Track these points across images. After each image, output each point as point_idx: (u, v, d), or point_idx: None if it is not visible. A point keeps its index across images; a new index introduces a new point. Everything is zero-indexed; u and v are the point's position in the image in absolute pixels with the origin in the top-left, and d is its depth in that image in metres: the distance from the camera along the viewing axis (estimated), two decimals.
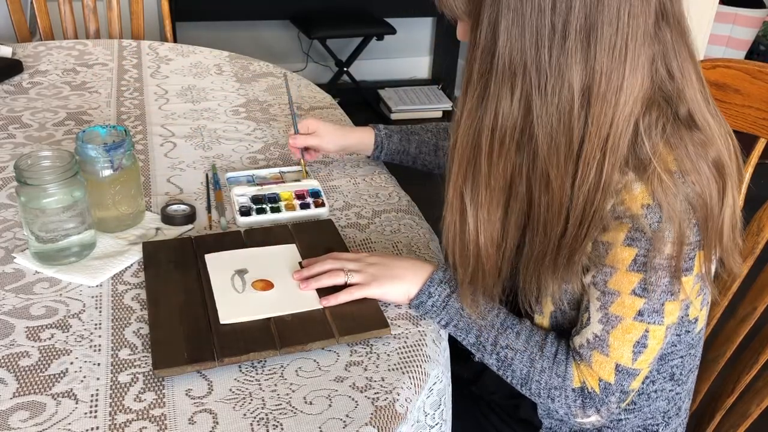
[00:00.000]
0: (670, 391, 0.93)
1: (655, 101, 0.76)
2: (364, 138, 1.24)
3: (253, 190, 1.17)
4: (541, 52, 0.73)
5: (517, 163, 0.79)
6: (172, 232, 1.08)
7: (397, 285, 0.93)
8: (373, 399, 0.80)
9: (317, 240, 1.05)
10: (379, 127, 1.25)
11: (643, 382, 0.91)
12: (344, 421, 0.77)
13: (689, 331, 0.89)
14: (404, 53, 3.87)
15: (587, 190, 0.76)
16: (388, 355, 0.86)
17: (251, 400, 0.79)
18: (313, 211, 1.14)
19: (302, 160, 1.23)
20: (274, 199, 1.15)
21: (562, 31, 0.72)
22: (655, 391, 0.92)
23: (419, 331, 0.91)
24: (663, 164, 0.74)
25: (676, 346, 0.89)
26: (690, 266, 0.78)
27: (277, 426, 0.76)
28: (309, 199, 1.16)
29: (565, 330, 0.89)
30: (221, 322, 0.88)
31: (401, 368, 0.85)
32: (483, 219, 0.82)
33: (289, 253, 1.02)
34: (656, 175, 0.74)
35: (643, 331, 0.80)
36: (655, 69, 0.76)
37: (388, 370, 0.84)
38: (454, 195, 0.84)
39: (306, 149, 1.23)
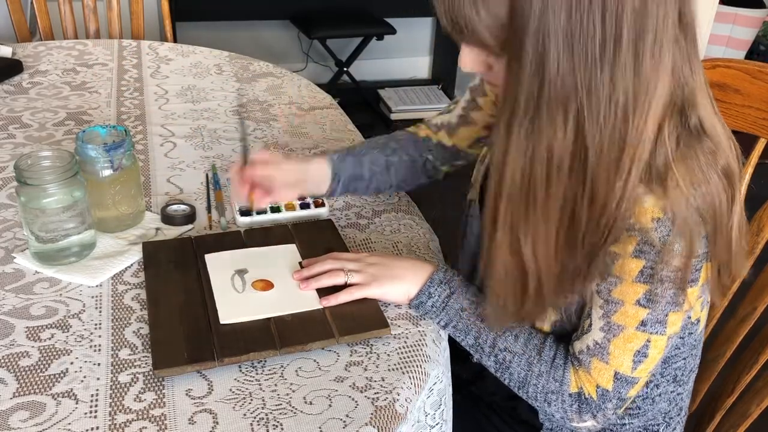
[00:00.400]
0: (672, 392, 0.93)
1: (673, 108, 0.75)
2: (320, 167, 1.07)
3: None
4: (593, 71, 0.69)
5: (570, 185, 0.75)
6: (172, 232, 1.08)
7: (397, 285, 0.93)
8: (373, 399, 0.80)
9: (317, 240, 1.05)
10: (327, 152, 1.10)
11: (647, 386, 0.91)
12: (344, 421, 0.77)
13: (692, 333, 0.89)
14: (404, 53, 3.87)
15: (617, 200, 0.75)
16: (388, 355, 0.86)
17: (251, 400, 0.79)
18: (313, 211, 1.14)
19: (251, 197, 1.00)
20: None
21: (614, 45, 0.69)
22: (659, 395, 0.92)
23: (419, 331, 0.91)
24: (676, 175, 0.73)
25: (679, 348, 0.89)
26: (696, 277, 0.78)
27: (277, 426, 0.76)
28: (309, 199, 1.16)
29: (564, 335, 0.89)
30: (221, 322, 0.88)
31: (401, 368, 0.85)
32: (542, 250, 0.78)
33: (289, 253, 1.02)
34: (669, 186, 0.73)
35: (645, 340, 0.80)
36: (675, 74, 0.74)
37: (388, 370, 0.84)
38: (504, 235, 0.79)
39: (253, 187, 1.01)
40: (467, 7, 0.71)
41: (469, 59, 0.79)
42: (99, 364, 0.83)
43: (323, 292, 0.93)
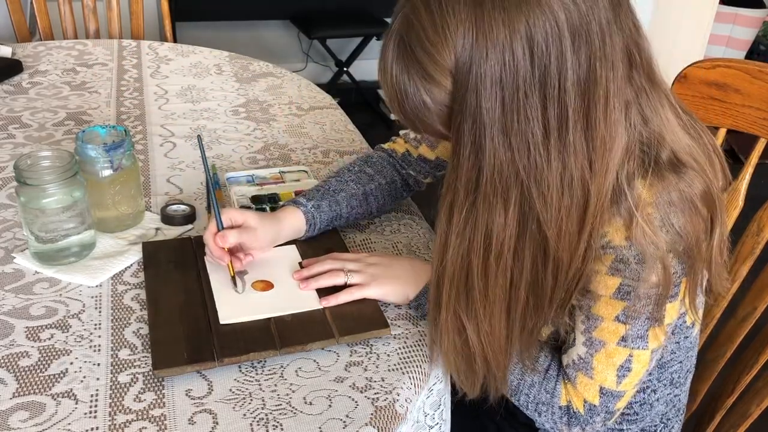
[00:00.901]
0: (669, 394, 0.93)
1: (632, 150, 0.73)
2: (294, 221, 1.02)
3: (253, 190, 1.17)
4: (536, 159, 0.68)
5: (516, 268, 0.74)
6: (172, 232, 1.08)
7: (397, 285, 0.93)
8: (373, 399, 0.80)
9: (317, 240, 1.05)
10: (301, 203, 1.03)
11: (644, 392, 0.91)
12: (344, 422, 0.77)
13: (687, 337, 0.89)
14: None
15: (583, 251, 0.74)
16: (388, 355, 0.86)
17: (251, 400, 0.79)
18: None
19: (231, 268, 0.95)
20: (274, 199, 1.15)
21: (560, 128, 0.67)
22: (657, 399, 0.92)
23: (419, 331, 0.91)
24: (645, 209, 0.72)
25: (675, 353, 0.89)
26: (675, 293, 0.77)
27: (277, 426, 0.76)
28: None
29: (561, 344, 0.89)
30: (221, 322, 0.88)
31: (401, 368, 0.85)
32: (486, 332, 0.77)
33: (289, 253, 1.02)
34: (638, 226, 0.72)
35: (627, 355, 0.80)
36: (631, 117, 0.73)
37: (388, 370, 0.84)
38: (448, 315, 0.79)
39: (232, 252, 0.96)
40: (417, 104, 0.71)
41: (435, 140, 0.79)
42: (99, 364, 0.83)
43: (323, 293, 0.93)
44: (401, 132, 1.17)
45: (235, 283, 0.94)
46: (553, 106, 0.66)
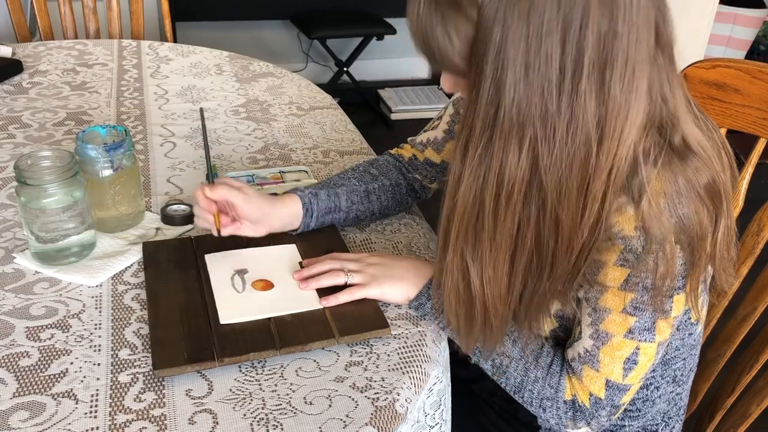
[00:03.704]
0: (671, 392, 0.93)
1: (651, 128, 0.74)
2: (290, 204, 1.02)
3: (253, 190, 1.17)
4: (553, 98, 0.69)
5: (524, 214, 0.75)
6: (172, 232, 1.08)
7: (397, 285, 0.93)
8: (373, 399, 0.80)
9: (317, 240, 1.05)
10: (300, 190, 1.05)
11: (647, 389, 0.91)
12: (344, 421, 0.77)
13: (691, 334, 0.89)
14: (404, 53, 3.87)
15: (592, 223, 0.74)
16: (388, 355, 0.86)
17: (251, 400, 0.79)
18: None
19: (216, 218, 0.95)
20: None
21: (574, 74, 0.68)
22: (659, 396, 0.92)
23: (419, 331, 0.91)
24: (654, 193, 0.73)
25: (679, 350, 0.89)
26: (682, 285, 0.77)
27: (277, 426, 0.76)
28: None
29: (563, 340, 0.89)
30: (221, 322, 0.88)
31: (401, 368, 0.85)
32: (489, 277, 0.78)
33: (289, 253, 1.02)
34: (648, 202, 0.72)
35: (634, 348, 0.80)
36: (653, 94, 0.74)
37: (388, 370, 0.84)
38: (455, 257, 0.79)
39: (221, 210, 0.98)
40: (439, 34, 0.73)
41: (447, 82, 0.81)
42: (99, 364, 0.83)
43: (323, 292, 0.93)
44: (408, 138, 1.18)
45: (219, 232, 0.96)
46: (571, 50, 0.68)
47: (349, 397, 0.80)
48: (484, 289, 0.79)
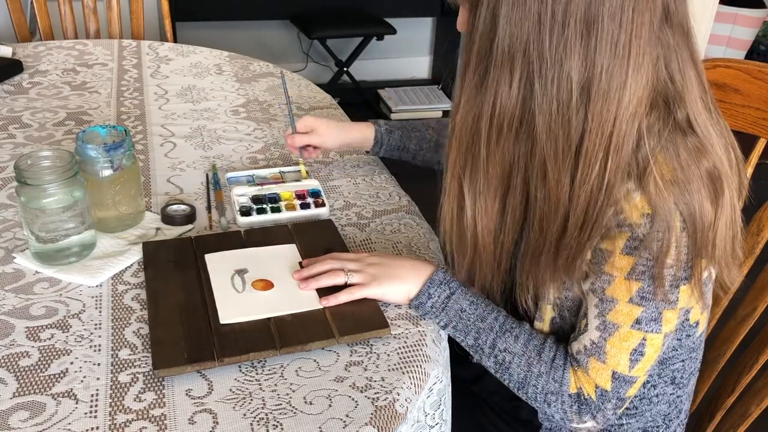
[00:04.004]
0: (671, 394, 0.93)
1: (657, 104, 0.76)
2: (364, 133, 1.22)
3: (254, 190, 1.17)
4: (542, 37, 0.72)
5: (515, 153, 0.78)
6: (172, 232, 1.08)
7: (397, 285, 0.93)
8: (373, 399, 0.80)
9: (317, 240, 1.05)
10: (379, 123, 1.23)
11: (644, 387, 0.91)
12: (344, 421, 0.77)
13: (690, 335, 0.89)
14: (404, 53, 3.87)
15: (590, 191, 0.75)
16: (388, 355, 0.86)
17: (251, 400, 0.79)
18: (313, 211, 1.14)
19: (301, 159, 1.22)
20: (274, 199, 1.15)
21: (562, 20, 0.71)
22: (657, 396, 0.92)
23: (419, 331, 0.91)
24: (659, 170, 0.74)
25: (677, 350, 0.89)
26: (688, 275, 0.78)
27: (277, 426, 0.76)
28: (309, 199, 1.16)
29: (564, 335, 0.89)
30: (221, 322, 0.88)
31: (401, 368, 0.85)
32: (481, 208, 0.82)
33: (289, 253, 1.02)
34: (653, 180, 0.73)
35: (641, 339, 0.80)
36: (658, 70, 0.75)
37: (388, 370, 0.84)
38: (452, 181, 0.84)
39: (304, 147, 1.22)
40: None
41: (460, 19, 0.84)
42: (99, 364, 0.83)
43: (323, 292, 0.93)
44: None
45: (303, 162, 1.21)
46: None
47: (349, 397, 0.80)
48: (476, 219, 0.82)
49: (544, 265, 0.82)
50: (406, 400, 0.81)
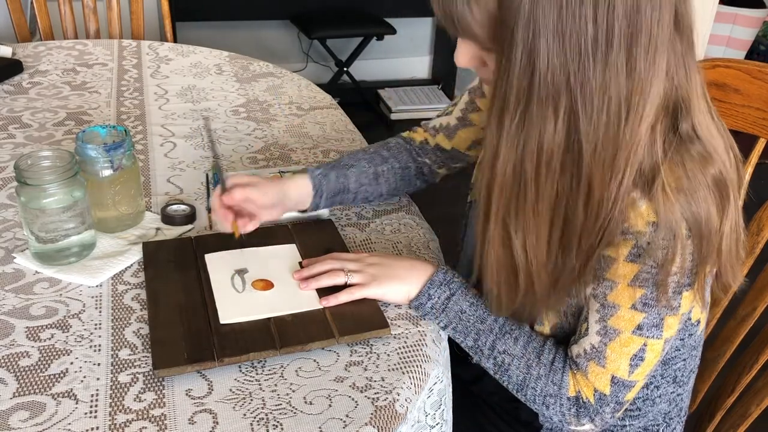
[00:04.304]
0: (672, 393, 0.93)
1: (665, 112, 0.75)
2: (301, 184, 1.05)
3: None
4: (585, 66, 0.70)
5: (561, 183, 0.75)
6: (172, 232, 1.08)
7: (398, 285, 0.93)
8: (373, 399, 0.80)
9: (317, 240, 1.05)
10: (309, 169, 1.07)
11: (647, 388, 0.91)
12: (344, 421, 0.77)
13: (692, 334, 0.89)
14: (404, 53, 3.87)
15: (613, 199, 0.75)
16: (388, 355, 0.86)
17: (251, 400, 0.79)
18: (313, 212, 1.13)
19: (235, 226, 0.96)
20: None
21: (606, 44, 0.69)
22: (660, 396, 0.92)
23: (419, 331, 0.91)
24: (666, 179, 0.73)
25: (679, 350, 0.89)
26: (691, 281, 0.78)
27: (277, 426, 0.76)
28: None
29: (564, 337, 0.89)
30: (221, 322, 0.88)
31: (401, 368, 0.85)
32: (532, 244, 0.78)
33: (289, 253, 1.02)
34: (661, 188, 0.73)
35: (641, 344, 0.80)
36: (670, 77, 0.74)
37: (388, 370, 0.84)
38: (496, 228, 0.80)
39: (237, 213, 0.98)
40: (459, 2, 0.72)
41: (463, 54, 0.80)
42: (99, 364, 0.83)
43: (323, 292, 0.93)
44: (422, 122, 1.19)
45: (242, 237, 0.97)
46: (603, 20, 0.68)
47: (349, 397, 0.80)
48: (528, 256, 0.79)
49: (571, 271, 0.80)
50: (406, 400, 0.81)
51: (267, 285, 0.95)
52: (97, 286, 0.96)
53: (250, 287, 0.94)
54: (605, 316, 0.81)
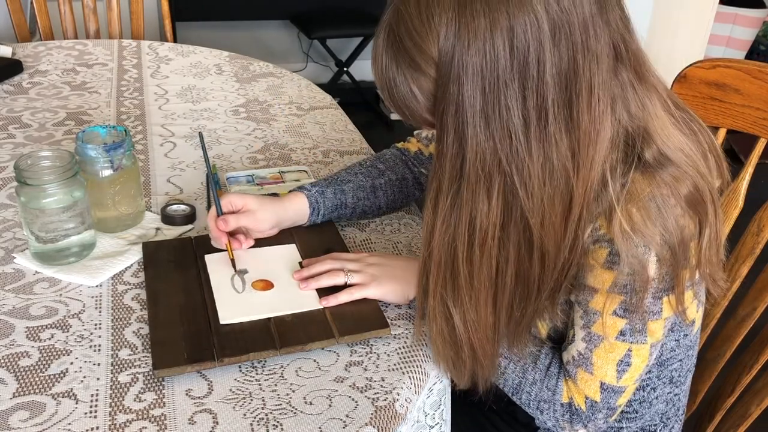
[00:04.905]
0: (668, 393, 0.93)
1: (617, 143, 0.74)
2: (298, 205, 1.05)
3: (253, 190, 1.17)
4: (518, 149, 0.69)
5: (501, 257, 0.75)
6: (172, 232, 1.08)
7: (397, 285, 0.93)
8: (373, 399, 0.80)
9: (317, 240, 1.05)
10: (306, 188, 1.06)
11: (643, 390, 0.91)
12: (344, 421, 0.77)
13: (687, 335, 0.89)
14: None
15: (571, 241, 0.75)
16: (388, 355, 0.86)
17: (251, 400, 0.79)
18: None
19: (229, 248, 0.98)
20: None
21: (540, 119, 0.68)
22: (656, 397, 0.92)
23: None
24: (630, 207, 0.72)
25: (675, 351, 0.89)
26: (671, 286, 0.77)
27: (277, 426, 0.76)
28: None
29: (561, 340, 0.89)
30: (221, 322, 0.88)
31: (401, 368, 0.85)
32: (472, 320, 0.78)
33: (289, 253, 1.02)
34: (618, 220, 0.72)
35: (626, 350, 0.80)
36: (616, 111, 0.73)
37: (388, 370, 0.84)
38: (436, 303, 0.80)
39: (233, 234, 1.00)
40: (404, 93, 0.73)
41: (426, 129, 0.81)
42: (99, 364, 0.83)
43: (323, 292, 0.93)
44: (414, 132, 1.18)
45: (234, 267, 0.96)
46: (533, 97, 0.68)
47: (349, 397, 0.80)
48: (469, 333, 0.79)
49: (531, 315, 0.80)
50: (406, 400, 0.81)
51: (267, 285, 0.95)
52: (97, 286, 0.96)
53: (250, 287, 0.94)
54: (588, 322, 0.81)
